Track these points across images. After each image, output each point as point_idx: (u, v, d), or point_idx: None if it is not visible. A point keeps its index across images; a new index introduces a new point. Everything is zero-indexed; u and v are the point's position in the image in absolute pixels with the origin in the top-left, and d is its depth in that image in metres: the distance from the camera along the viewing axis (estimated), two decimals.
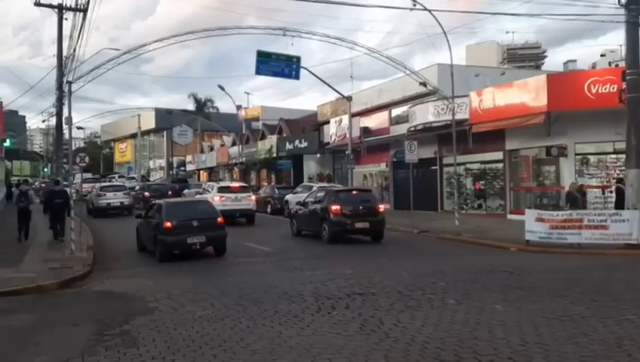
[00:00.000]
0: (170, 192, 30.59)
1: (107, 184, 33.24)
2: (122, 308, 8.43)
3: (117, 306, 8.71)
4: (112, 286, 10.59)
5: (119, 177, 57.10)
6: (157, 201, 16.32)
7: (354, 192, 17.93)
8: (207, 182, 34.85)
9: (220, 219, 14.69)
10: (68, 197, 16.48)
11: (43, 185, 22.92)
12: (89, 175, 46.71)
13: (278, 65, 23.56)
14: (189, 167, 60.59)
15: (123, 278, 11.59)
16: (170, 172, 62.88)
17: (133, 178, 53.77)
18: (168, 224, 13.77)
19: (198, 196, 24.98)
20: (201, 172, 59.85)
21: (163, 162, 71.71)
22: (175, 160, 64.30)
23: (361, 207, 16.52)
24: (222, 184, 27.46)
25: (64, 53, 21.99)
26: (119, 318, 7.65)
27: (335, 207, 16.27)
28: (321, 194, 18.02)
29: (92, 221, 24.53)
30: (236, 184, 26.78)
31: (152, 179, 61.92)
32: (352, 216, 16.21)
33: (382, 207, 17.63)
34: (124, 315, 7.83)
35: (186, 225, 13.91)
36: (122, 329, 7.08)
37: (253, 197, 24.51)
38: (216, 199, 22.26)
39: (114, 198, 28.22)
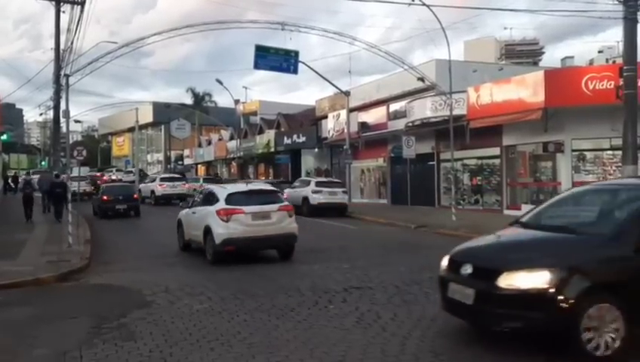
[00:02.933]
0: (98, 181, 39.30)
1: (74, 175, 37.56)
2: (120, 302, 8.46)
3: (114, 299, 8.74)
4: (110, 280, 10.60)
5: (116, 170, 57.24)
6: (102, 185, 28.00)
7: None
8: (153, 174, 42.89)
9: (135, 196, 25.44)
10: (67, 188, 17.10)
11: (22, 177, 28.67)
12: (87, 168, 47.12)
13: (277, 59, 23.61)
14: (187, 161, 60.46)
15: (120, 271, 11.60)
16: (168, 166, 62.78)
17: (130, 172, 53.74)
18: (105, 197, 24.01)
19: (142, 184, 35.60)
20: (199, 166, 59.75)
21: (161, 156, 71.60)
22: (173, 154, 64.15)
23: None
24: (163, 175, 37.79)
25: (62, 47, 21.98)
26: (117, 311, 7.67)
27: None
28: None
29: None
30: (175, 175, 37.06)
31: (149, 173, 61.82)
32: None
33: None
34: (122, 308, 7.85)
35: (116, 198, 23.81)
36: (120, 323, 7.11)
37: (187, 185, 32.83)
38: (158, 186, 32.13)
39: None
